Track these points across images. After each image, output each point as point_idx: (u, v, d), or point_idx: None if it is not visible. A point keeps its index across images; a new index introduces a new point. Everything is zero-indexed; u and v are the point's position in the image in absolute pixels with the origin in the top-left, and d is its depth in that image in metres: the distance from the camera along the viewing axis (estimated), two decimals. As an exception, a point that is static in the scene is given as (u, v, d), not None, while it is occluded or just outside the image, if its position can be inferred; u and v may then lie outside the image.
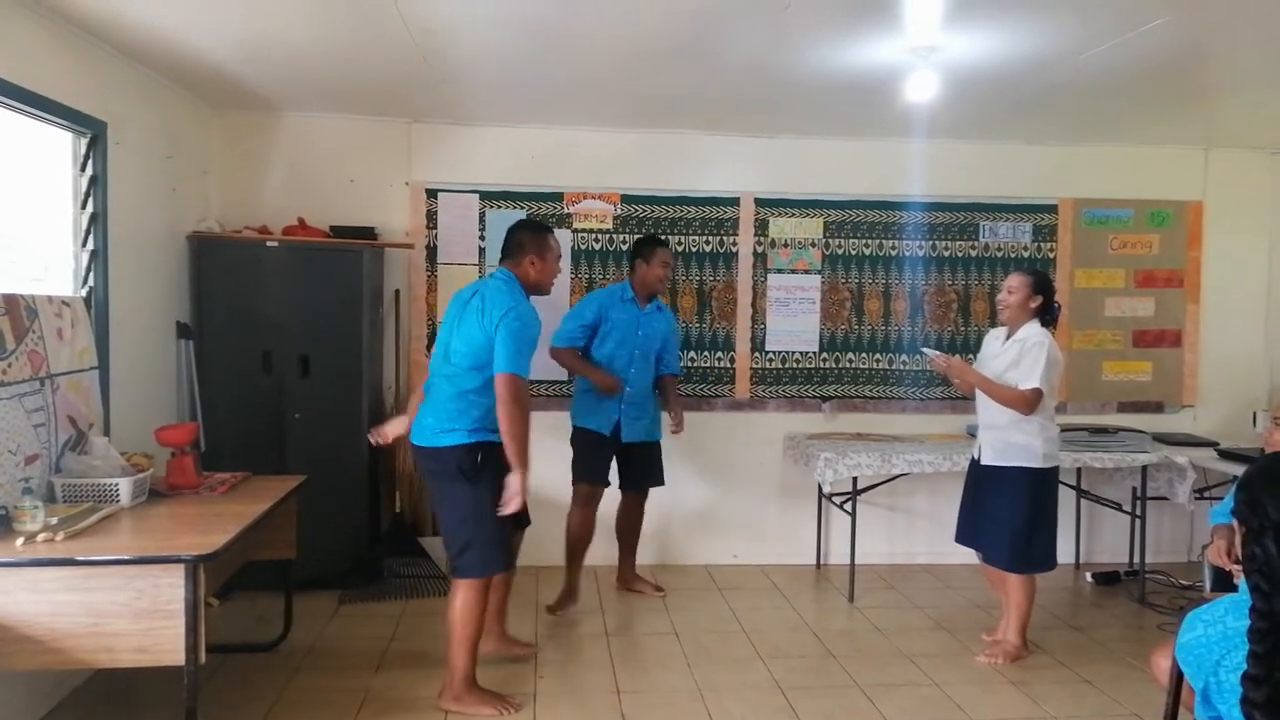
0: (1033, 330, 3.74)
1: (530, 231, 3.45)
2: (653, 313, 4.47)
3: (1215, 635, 1.77)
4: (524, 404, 3.17)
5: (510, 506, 3.17)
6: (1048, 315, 3.81)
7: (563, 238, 5.10)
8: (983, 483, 3.87)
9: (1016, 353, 3.72)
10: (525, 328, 3.19)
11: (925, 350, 4.04)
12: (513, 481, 3.16)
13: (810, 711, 3.38)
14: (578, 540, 4.42)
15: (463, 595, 3.23)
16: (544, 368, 4.83)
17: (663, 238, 4.77)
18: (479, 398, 3.20)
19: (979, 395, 3.87)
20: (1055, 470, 3.85)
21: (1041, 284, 3.80)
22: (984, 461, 3.85)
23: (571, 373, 4.53)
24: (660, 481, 4.63)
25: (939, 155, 5.27)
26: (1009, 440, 3.76)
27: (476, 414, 3.20)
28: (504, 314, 3.16)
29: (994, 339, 3.97)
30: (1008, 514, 3.76)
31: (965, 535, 4.03)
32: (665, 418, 4.62)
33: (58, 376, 3.12)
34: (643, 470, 4.55)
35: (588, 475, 4.42)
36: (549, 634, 4.14)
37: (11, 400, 2.87)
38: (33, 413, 2.97)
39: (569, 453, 4.45)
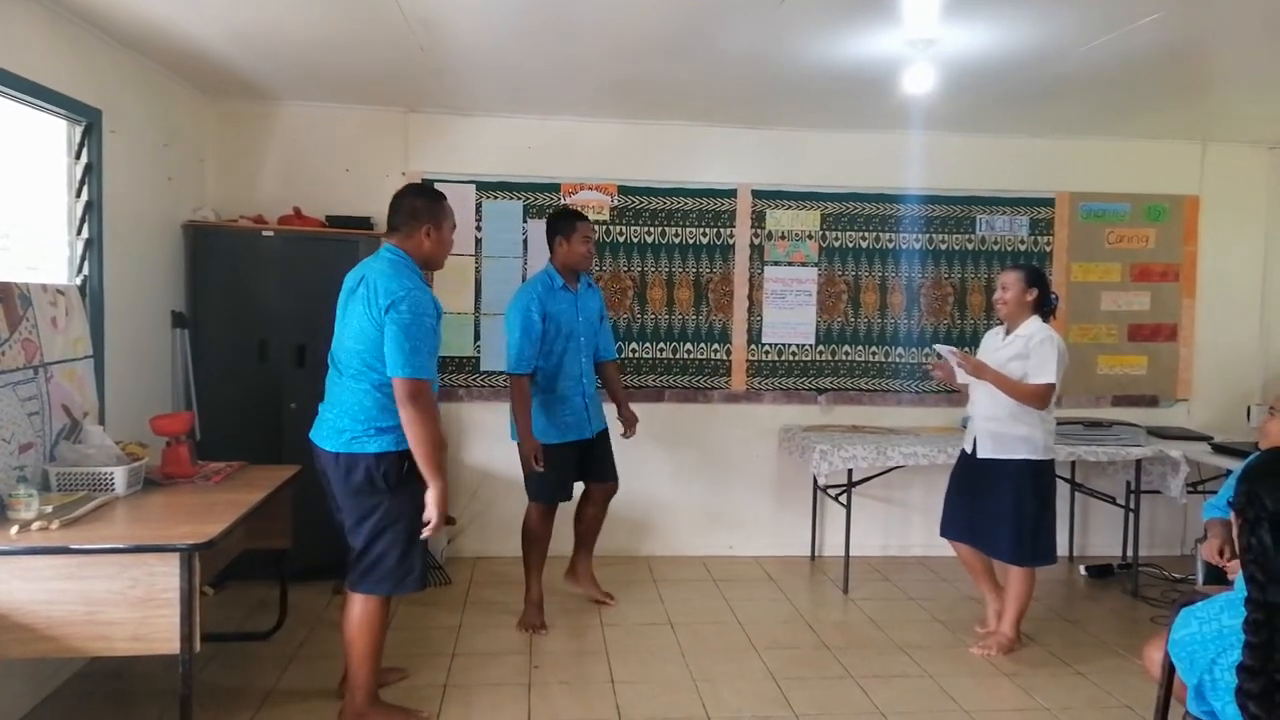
0: (1036, 326, 3.74)
1: (425, 198, 3.06)
2: (585, 291, 4.15)
3: (1210, 632, 1.78)
4: (427, 410, 2.82)
5: (431, 528, 2.90)
6: (1045, 307, 3.81)
7: (559, 229, 5.10)
8: (982, 477, 3.84)
9: (1022, 347, 3.71)
10: (417, 319, 2.81)
11: (938, 347, 3.95)
12: (430, 497, 2.87)
13: (804, 702, 3.40)
14: (540, 546, 4.14)
15: (361, 608, 2.97)
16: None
17: (579, 210, 4.56)
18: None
19: (975, 388, 3.87)
20: (1053, 462, 3.86)
21: (1034, 277, 3.81)
22: (981, 455, 3.83)
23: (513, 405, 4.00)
24: (615, 473, 4.32)
25: (936, 148, 5.27)
26: (1010, 432, 3.74)
27: (396, 409, 2.86)
28: (390, 305, 2.80)
29: (993, 335, 3.97)
30: (1012, 506, 3.75)
31: (955, 530, 4.00)
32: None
33: (51, 365, 3.12)
34: (607, 460, 4.26)
35: (549, 496, 4.09)
36: (545, 635, 4.15)
37: (5, 389, 2.87)
38: (26, 401, 2.97)
39: None
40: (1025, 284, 3.76)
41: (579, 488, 4.32)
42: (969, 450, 3.93)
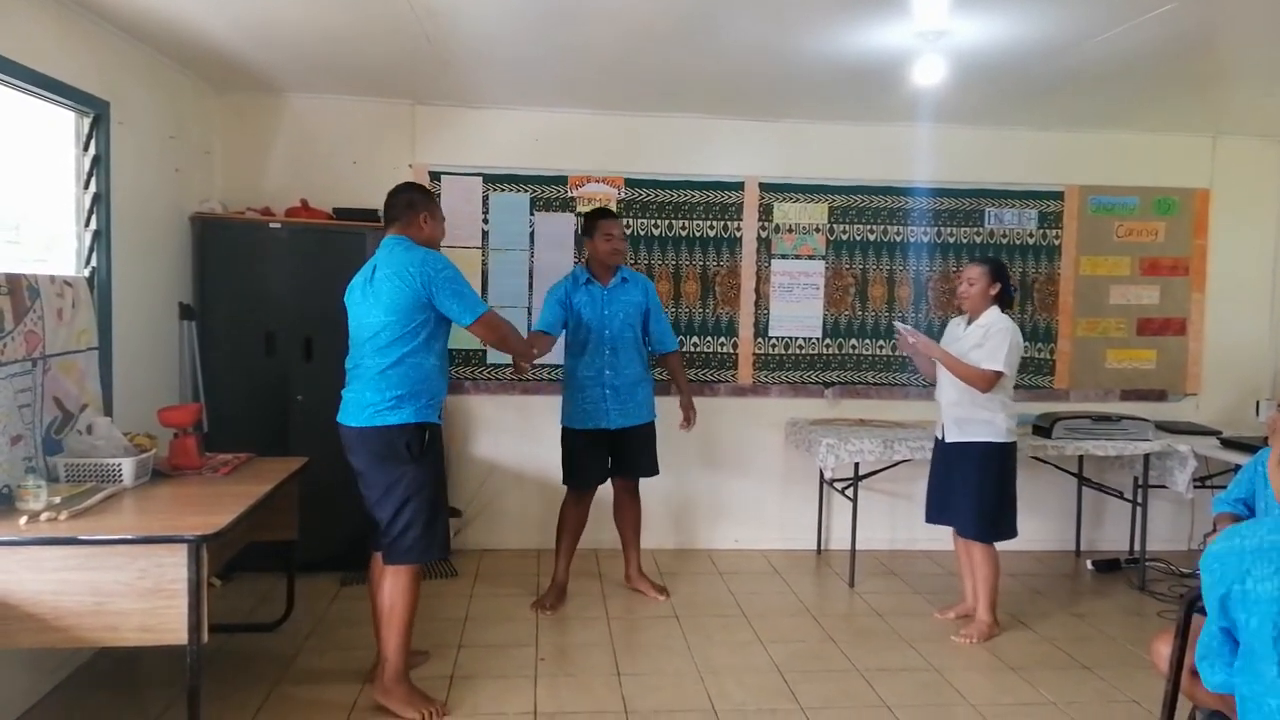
0: (995, 317, 3.90)
1: (418, 190, 3.31)
2: (618, 286, 4.22)
3: (1250, 545, 1.77)
4: (509, 332, 3.35)
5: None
6: (1005, 298, 3.96)
7: (566, 221, 5.10)
8: (950, 459, 4.02)
9: (980, 336, 3.88)
10: (446, 268, 3.09)
11: (898, 325, 4.16)
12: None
13: (810, 695, 3.39)
14: (564, 530, 4.29)
15: (395, 579, 3.13)
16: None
17: (608, 208, 4.73)
18: (418, 360, 3.09)
19: (940, 377, 4.04)
20: (1015, 445, 4.00)
21: (998, 271, 3.95)
22: (948, 439, 4.00)
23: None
24: (652, 471, 4.37)
25: (945, 140, 5.25)
26: (973, 417, 3.91)
27: (415, 379, 3.09)
28: (420, 270, 3.04)
29: (956, 325, 4.11)
30: (976, 487, 3.93)
31: (934, 514, 4.16)
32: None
33: (51, 358, 3.10)
34: (636, 456, 4.29)
35: (573, 481, 4.27)
36: (550, 616, 4.16)
37: (3, 380, 2.85)
38: (20, 393, 2.94)
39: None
40: (990, 278, 3.90)
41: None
42: (939, 436, 4.09)
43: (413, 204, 3.23)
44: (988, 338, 3.83)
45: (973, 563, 4.04)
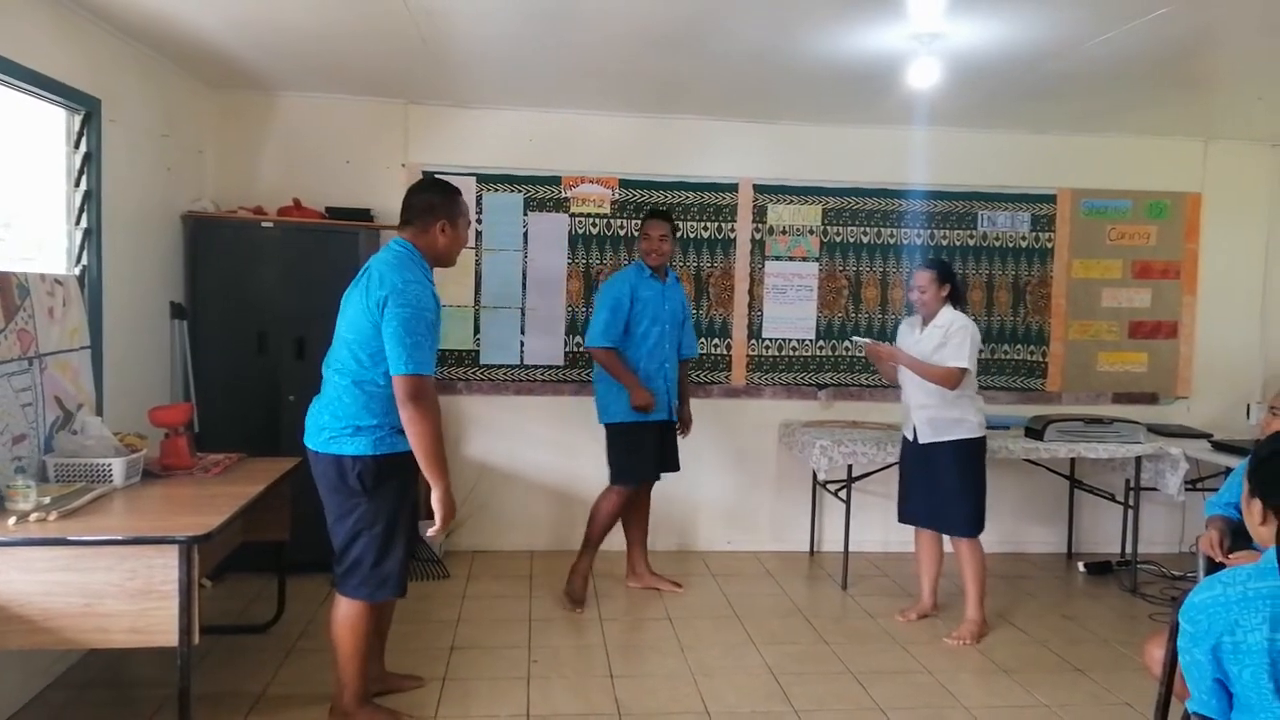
0: (952, 316, 3.96)
1: (441, 193, 2.96)
2: (673, 285, 4.41)
3: (1235, 596, 1.76)
4: (429, 409, 2.74)
5: (437, 529, 2.87)
6: (956, 295, 4.03)
7: (560, 221, 5.09)
8: (928, 461, 4.04)
9: (941, 336, 3.94)
10: (417, 313, 2.72)
11: (855, 338, 4.23)
12: (434, 498, 2.83)
13: (803, 697, 3.39)
14: (605, 528, 4.31)
15: (345, 609, 2.94)
16: (536, 352, 4.86)
17: (661, 208, 4.72)
18: (380, 389, 2.79)
19: (905, 380, 4.10)
20: (985, 439, 4.06)
21: (945, 273, 4.02)
22: (922, 440, 4.03)
23: (609, 374, 4.23)
24: (678, 465, 4.50)
25: (939, 143, 5.25)
26: (944, 416, 3.97)
27: (377, 409, 2.80)
28: (387, 296, 2.71)
29: (910, 327, 4.15)
30: (961, 483, 3.97)
31: (913, 516, 4.18)
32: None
33: (46, 356, 3.09)
34: (674, 450, 4.45)
35: (635, 476, 4.29)
36: (543, 618, 4.15)
37: (1, 380, 2.84)
38: (20, 392, 2.94)
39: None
40: (939, 283, 3.97)
41: None
42: (910, 438, 4.11)
43: (432, 209, 2.90)
44: (949, 337, 3.90)
45: (960, 560, 4.05)
